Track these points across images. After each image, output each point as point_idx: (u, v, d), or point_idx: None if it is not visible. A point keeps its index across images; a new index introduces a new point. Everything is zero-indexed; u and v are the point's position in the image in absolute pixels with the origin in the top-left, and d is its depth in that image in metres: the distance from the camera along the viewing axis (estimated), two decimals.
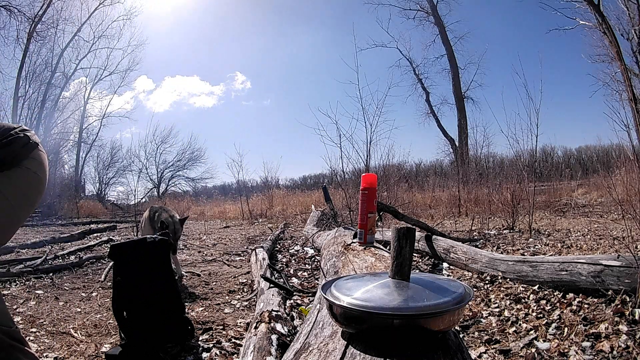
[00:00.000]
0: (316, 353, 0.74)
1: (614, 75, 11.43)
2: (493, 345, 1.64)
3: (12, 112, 14.32)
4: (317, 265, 3.24)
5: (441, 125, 17.66)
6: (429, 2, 17.03)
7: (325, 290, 0.74)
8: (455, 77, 17.18)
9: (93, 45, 16.59)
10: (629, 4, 11.08)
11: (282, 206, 11.08)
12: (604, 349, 1.47)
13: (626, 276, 1.82)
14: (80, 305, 2.47)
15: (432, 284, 0.72)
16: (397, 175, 7.98)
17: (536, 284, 2.21)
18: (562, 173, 10.50)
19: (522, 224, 4.89)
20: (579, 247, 3.34)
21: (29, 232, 6.92)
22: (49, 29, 14.81)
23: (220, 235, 6.49)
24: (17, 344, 1.00)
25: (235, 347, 1.73)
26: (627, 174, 5.07)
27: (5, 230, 1.04)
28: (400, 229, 0.74)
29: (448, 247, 3.16)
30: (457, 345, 0.71)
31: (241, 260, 4.04)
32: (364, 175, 1.73)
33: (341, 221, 5.74)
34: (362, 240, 1.69)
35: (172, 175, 21.46)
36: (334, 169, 7.21)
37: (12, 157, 1.04)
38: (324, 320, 0.90)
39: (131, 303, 1.65)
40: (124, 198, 16.32)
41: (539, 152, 6.91)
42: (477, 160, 12.98)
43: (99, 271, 3.50)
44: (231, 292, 2.75)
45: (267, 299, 2.00)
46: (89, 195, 18.12)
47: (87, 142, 18.18)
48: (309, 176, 23.36)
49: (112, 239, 5.53)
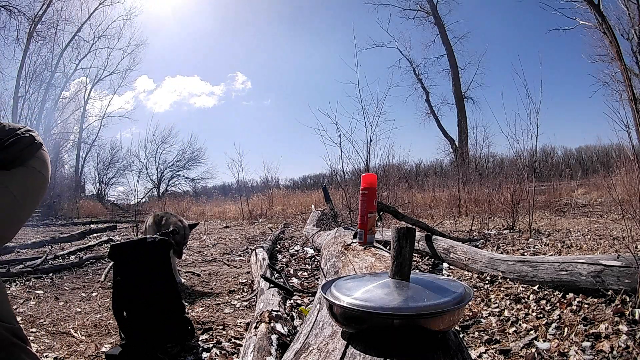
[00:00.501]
0: (316, 353, 0.74)
1: (614, 75, 11.45)
2: (493, 345, 1.64)
3: (12, 112, 14.32)
4: (317, 265, 3.24)
5: (441, 125, 17.69)
6: (429, 2, 17.04)
7: (325, 290, 0.74)
8: (455, 77, 17.19)
9: (93, 45, 16.61)
10: (629, 4, 11.09)
11: (282, 206, 11.08)
12: (604, 349, 1.47)
13: (626, 276, 1.82)
14: (80, 305, 2.47)
15: (432, 284, 0.72)
16: (397, 175, 7.98)
17: (536, 284, 2.21)
18: (562, 173, 10.50)
19: (522, 224, 4.89)
20: (579, 247, 3.34)
21: (29, 232, 6.92)
22: (49, 29, 14.82)
23: (220, 235, 6.49)
24: (20, 342, 1.00)
25: (235, 347, 1.73)
26: (627, 174, 5.08)
27: (12, 226, 1.07)
28: (400, 229, 0.74)
29: (448, 247, 3.16)
30: (457, 345, 0.71)
31: (241, 260, 4.04)
32: (364, 175, 1.73)
33: (341, 221, 5.74)
34: (362, 240, 1.69)
35: (172, 175, 21.49)
36: (334, 169, 7.21)
37: (18, 156, 1.06)
38: (324, 320, 0.90)
39: (131, 303, 1.65)
40: (124, 198, 16.36)
41: (539, 152, 6.92)
42: (477, 160, 13.00)
43: (99, 271, 3.50)
44: (231, 292, 2.75)
45: (267, 299, 2.00)
46: (89, 195, 18.13)
47: (87, 142, 18.21)
48: (309, 176, 23.38)
49: (112, 239, 5.53)
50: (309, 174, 23.60)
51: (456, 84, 17.20)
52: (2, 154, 1.04)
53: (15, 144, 1.06)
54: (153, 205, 14.29)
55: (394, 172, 7.69)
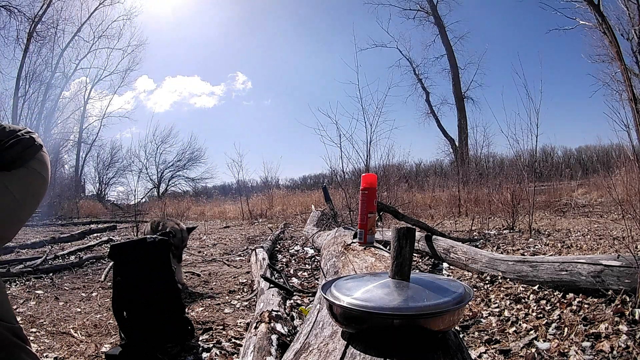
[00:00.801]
0: (316, 353, 0.74)
1: (614, 75, 11.45)
2: (493, 345, 1.64)
3: (12, 112, 14.33)
4: (317, 265, 3.24)
5: (441, 125, 17.69)
6: (429, 2, 17.05)
7: (325, 290, 0.74)
8: (455, 77, 17.19)
9: (93, 45, 16.63)
10: (629, 4, 11.10)
11: (282, 206, 11.08)
12: (604, 349, 1.47)
13: (626, 276, 1.82)
14: (80, 305, 2.47)
15: (432, 284, 0.72)
16: (397, 175, 7.98)
17: (536, 284, 2.21)
18: (562, 173, 10.51)
19: (522, 224, 4.89)
20: (579, 247, 3.34)
21: (29, 232, 6.92)
22: (49, 29, 14.84)
23: (220, 235, 6.49)
24: (20, 342, 1.00)
25: (235, 347, 1.73)
26: (627, 174, 5.08)
27: (12, 227, 1.07)
28: (400, 229, 0.74)
29: (448, 247, 3.16)
30: (457, 345, 0.71)
31: (241, 260, 4.04)
32: (364, 175, 1.73)
33: (341, 221, 5.74)
34: (362, 240, 1.69)
35: (172, 175, 21.51)
36: (334, 169, 7.20)
37: (18, 157, 1.07)
38: (324, 320, 0.90)
39: (131, 303, 1.65)
40: (124, 198, 16.36)
41: (539, 152, 6.91)
42: (477, 160, 13.01)
43: (99, 271, 3.50)
44: (231, 292, 2.75)
45: (267, 299, 2.00)
46: (89, 195, 18.15)
47: (87, 142, 18.22)
48: (309, 176, 23.41)
49: (112, 239, 5.53)
50: (309, 174, 23.65)
51: (456, 84, 17.20)
52: (2, 155, 1.04)
53: (15, 146, 1.07)
54: (153, 205, 14.28)
55: (394, 172, 7.68)
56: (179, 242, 2.62)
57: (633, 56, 11.27)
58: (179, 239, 2.63)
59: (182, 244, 2.68)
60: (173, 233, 2.53)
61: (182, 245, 2.71)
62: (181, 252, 2.71)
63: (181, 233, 2.68)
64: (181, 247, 2.67)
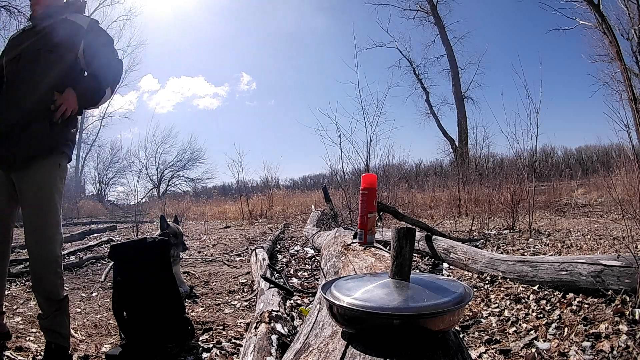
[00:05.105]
0: (316, 353, 0.74)
1: (614, 75, 11.44)
2: (493, 345, 1.64)
3: None
4: (317, 266, 3.23)
5: (441, 125, 17.67)
6: (429, 2, 17.03)
7: (325, 290, 0.74)
8: (455, 77, 17.17)
9: None
10: (629, 4, 11.10)
11: (282, 206, 11.06)
12: (604, 349, 1.47)
13: (626, 276, 1.82)
14: (80, 305, 2.47)
15: (432, 284, 0.72)
16: (397, 175, 7.98)
17: (536, 284, 2.21)
18: (562, 173, 10.51)
19: (522, 224, 4.89)
20: (579, 247, 3.34)
21: None
22: None
23: (220, 236, 6.49)
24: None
25: (235, 347, 1.73)
26: (627, 174, 5.08)
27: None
28: (400, 229, 0.74)
29: (448, 247, 3.16)
30: (457, 345, 0.71)
31: (241, 260, 4.04)
32: (364, 176, 1.73)
33: (341, 221, 5.74)
34: (362, 241, 1.69)
35: (172, 175, 21.53)
36: (334, 169, 7.19)
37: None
38: (324, 321, 0.90)
39: (131, 303, 1.65)
40: (124, 198, 16.37)
41: (539, 152, 6.91)
42: (477, 160, 12.98)
43: (99, 271, 3.50)
44: (231, 293, 2.75)
45: (267, 299, 2.00)
46: (89, 196, 18.15)
47: (87, 142, 18.23)
48: (309, 176, 23.43)
49: (112, 239, 5.53)
50: (309, 174, 23.69)
51: (456, 84, 17.19)
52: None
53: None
54: (153, 205, 14.29)
55: (394, 172, 7.69)
56: (173, 234, 2.65)
57: (633, 56, 11.27)
58: (172, 232, 2.68)
59: (178, 231, 2.72)
60: (168, 224, 2.58)
61: (180, 234, 2.74)
62: (182, 240, 2.73)
63: (175, 230, 2.74)
64: (179, 235, 2.70)
